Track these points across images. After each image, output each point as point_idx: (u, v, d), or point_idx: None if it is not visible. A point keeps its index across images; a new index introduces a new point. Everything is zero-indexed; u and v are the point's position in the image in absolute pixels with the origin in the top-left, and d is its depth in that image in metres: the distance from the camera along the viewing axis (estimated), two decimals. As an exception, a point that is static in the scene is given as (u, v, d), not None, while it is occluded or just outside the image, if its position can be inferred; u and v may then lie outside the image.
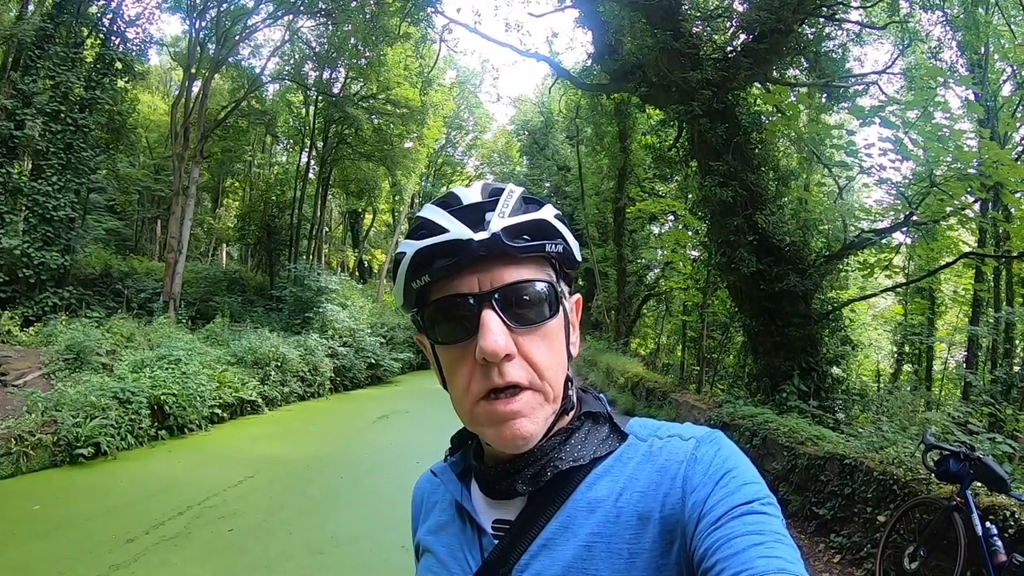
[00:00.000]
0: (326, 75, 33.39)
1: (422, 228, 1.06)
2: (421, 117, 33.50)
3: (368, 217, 45.51)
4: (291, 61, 32.44)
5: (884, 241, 13.69)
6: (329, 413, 19.36)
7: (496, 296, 1.01)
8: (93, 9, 23.33)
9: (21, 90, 20.06)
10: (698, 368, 19.76)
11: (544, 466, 1.07)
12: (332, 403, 21.25)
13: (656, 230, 33.50)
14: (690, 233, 19.19)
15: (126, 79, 24.81)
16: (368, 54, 30.31)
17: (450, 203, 1.07)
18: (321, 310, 24.69)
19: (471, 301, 1.01)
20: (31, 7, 22.67)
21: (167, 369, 15.62)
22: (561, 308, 1.09)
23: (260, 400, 18.16)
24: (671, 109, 15.51)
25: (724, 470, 0.99)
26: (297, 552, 8.44)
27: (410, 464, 12.86)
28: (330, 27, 29.64)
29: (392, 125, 34.23)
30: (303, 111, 35.08)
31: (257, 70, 31.45)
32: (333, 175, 36.20)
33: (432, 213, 1.06)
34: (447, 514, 1.22)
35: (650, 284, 33.15)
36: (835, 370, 14.17)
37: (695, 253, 20.62)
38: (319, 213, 35.29)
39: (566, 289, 1.12)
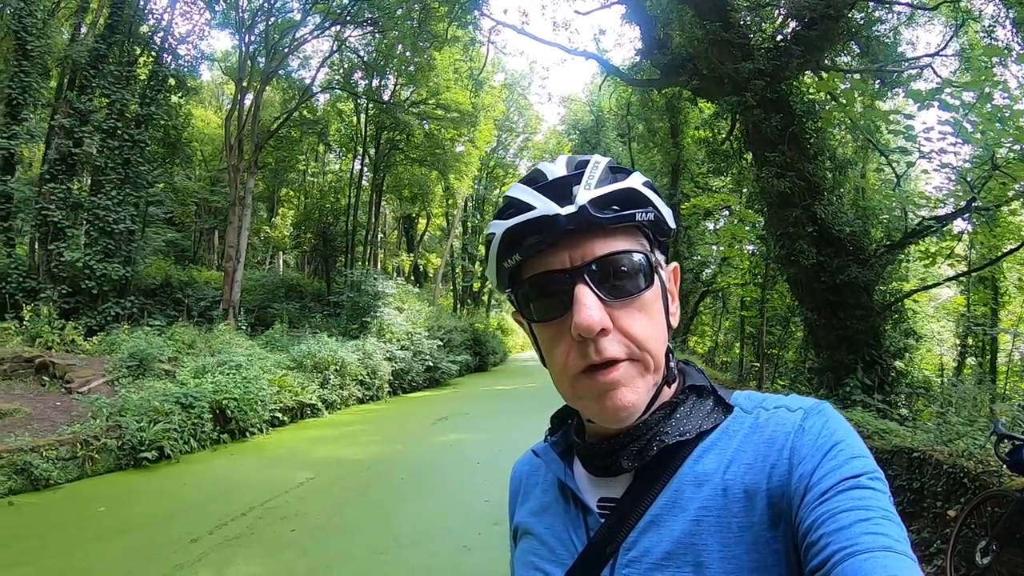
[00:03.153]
0: (376, 83, 33.61)
1: (510, 207, 1.05)
2: (472, 120, 33.50)
3: (422, 222, 45.62)
4: (340, 71, 32.65)
5: (945, 229, 13.25)
6: (388, 416, 19.36)
7: (588, 270, 0.99)
8: (144, 28, 24.11)
9: (78, 109, 20.76)
10: (758, 364, 19.38)
11: (649, 441, 1.05)
12: (391, 406, 21.27)
13: (711, 226, 33.03)
14: (747, 228, 18.85)
15: (179, 94, 25.48)
16: (416, 60, 30.44)
17: (536, 179, 1.06)
18: (378, 314, 24.79)
19: (563, 277, 1.00)
20: (84, 29, 23.53)
21: (228, 374, 15.84)
22: (657, 278, 1.06)
23: (320, 404, 18.31)
24: (723, 101, 15.22)
25: (832, 442, 0.97)
26: (359, 553, 8.43)
27: (470, 465, 12.96)
28: (377, 35, 29.83)
29: (443, 129, 34.32)
30: (354, 119, 35.26)
31: (307, 81, 31.72)
32: (386, 181, 36.39)
33: (518, 191, 1.06)
34: (549, 495, 1.21)
35: (707, 281, 32.64)
36: (898, 363, 13.76)
37: (752, 248, 20.29)
38: (373, 219, 35.47)
39: (661, 258, 1.10)
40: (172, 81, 24.06)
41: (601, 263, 0.99)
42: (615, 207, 1.00)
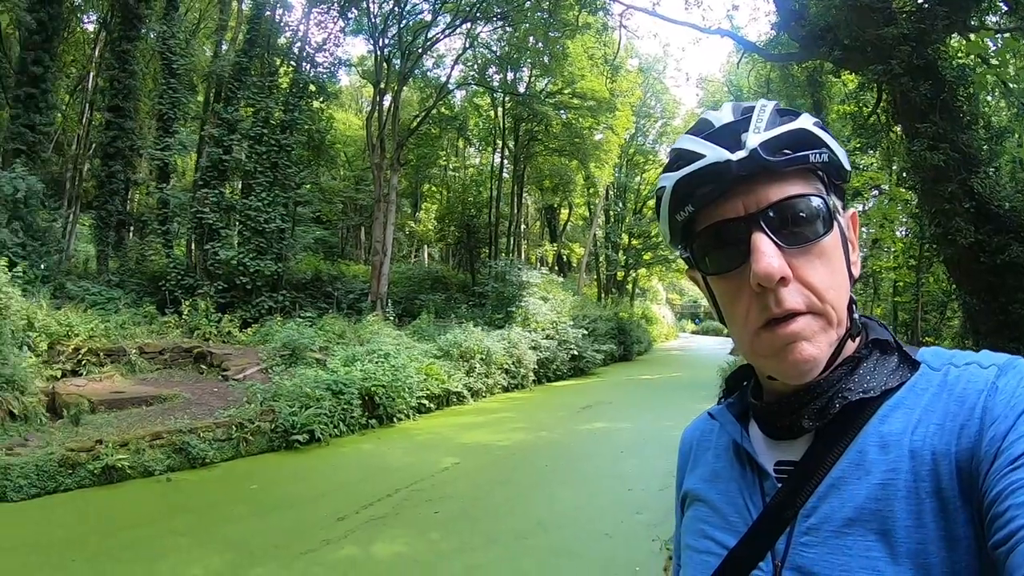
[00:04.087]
0: (510, 76, 33.68)
1: (678, 159, 1.02)
2: (610, 107, 32.98)
3: (564, 212, 45.41)
4: (474, 66, 32.94)
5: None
6: (533, 403, 19.29)
7: (764, 216, 0.95)
8: (282, 40, 25.52)
9: (225, 119, 22.25)
10: (913, 354, 18.06)
11: (831, 398, 0.98)
12: (535, 394, 21.21)
13: (860, 207, 31.34)
14: (899, 206, 17.68)
15: (320, 99, 26.65)
16: (549, 51, 30.27)
17: (703, 128, 1.03)
18: (523, 304, 24.76)
19: (739, 225, 0.97)
20: (225, 46, 25.21)
21: (377, 363, 16.18)
22: (836, 224, 1.00)
23: (466, 391, 18.46)
24: (868, 71, 14.23)
25: None
26: (503, 536, 8.42)
27: (614, 453, 12.75)
28: (508, 29, 29.87)
29: (581, 118, 33.96)
30: (492, 113, 35.49)
31: (443, 79, 32.06)
32: (527, 172, 36.43)
33: (686, 142, 1.02)
34: (723, 459, 1.16)
35: (856, 266, 31.01)
36: (1068, 352, 12.41)
37: (903, 230, 19.04)
38: (516, 210, 35.64)
39: (839, 203, 1.04)
40: (312, 88, 25.21)
41: (777, 209, 0.95)
42: (787, 150, 0.96)
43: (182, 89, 22.95)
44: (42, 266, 17.69)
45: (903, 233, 19.06)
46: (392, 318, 22.35)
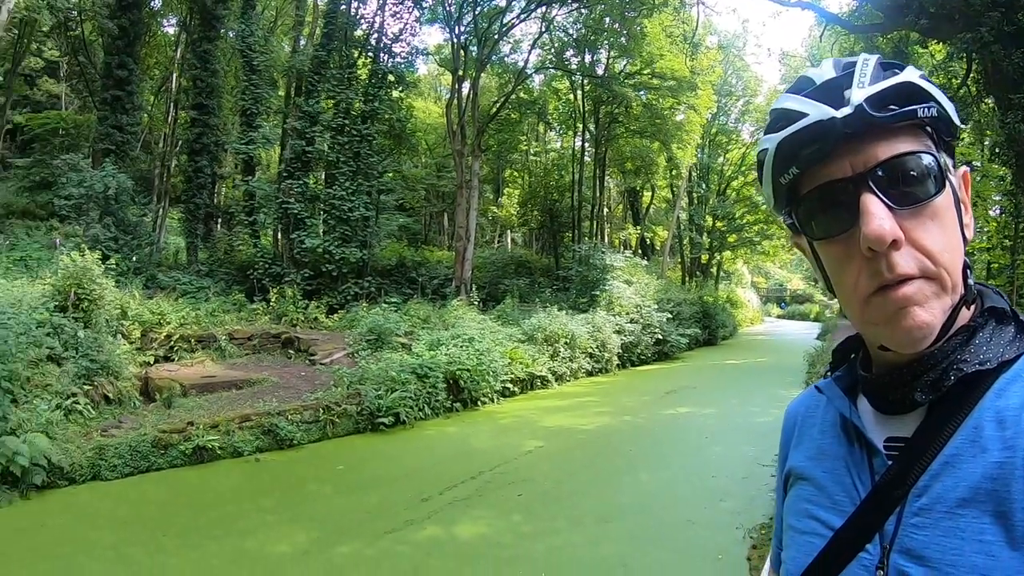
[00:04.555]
0: (588, 58, 33.25)
1: (779, 119, 0.98)
2: (690, 86, 32.30)
3: (647, 194, 44.75)
4: (551, 50, 32.69)
5: None
6: (617, 388, 19.05)
7: (873, 176, 0.91)
8: (359, 33, 25.94)
9: (307, 112, 22.80)
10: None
11: (946, 370, 0.93)
12: (619, 378, 20.98)
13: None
14: (992, 183, 16.86)
15: (399, 89, 26.89)
16: (626, 31, 29.84)
17: (804, 86, 0.99)
18: (607, 288, 24.48)
19: (846, 186, 0.92)
20: (303, 41, 25.77)
21: (461, 347, 16.24)
22: (947, 183, 0.95)
23: (550, 375, 18.37)
24: (956, 40, 13.60)
25: None
26: (585, 519, 8.37)
27: (698, 439, 12.55)
28: (583, 11, 29.58)
29: (661, 99, 33.37)
30: (571, 96, 35.20)
31: (520, 64, 32.00)
32: (608, 155, 36.00)
33: (788, 101, 0.99)
34: (829, 435, 1.10)
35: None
36: None
37: (997, 209, 18.14)
38: (598, 193, 35.27)
39: (949, 161, 0.97)
40: (391, 78, 25.48)
41: (886, 167, 0.91)
42: (893, 105, 0.91)
43: (263, 85, 23.58)
44: (134, 258, 18.45)
45: (997, 212, 18.28)
46: (476, 303, 22.39)
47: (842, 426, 1.07)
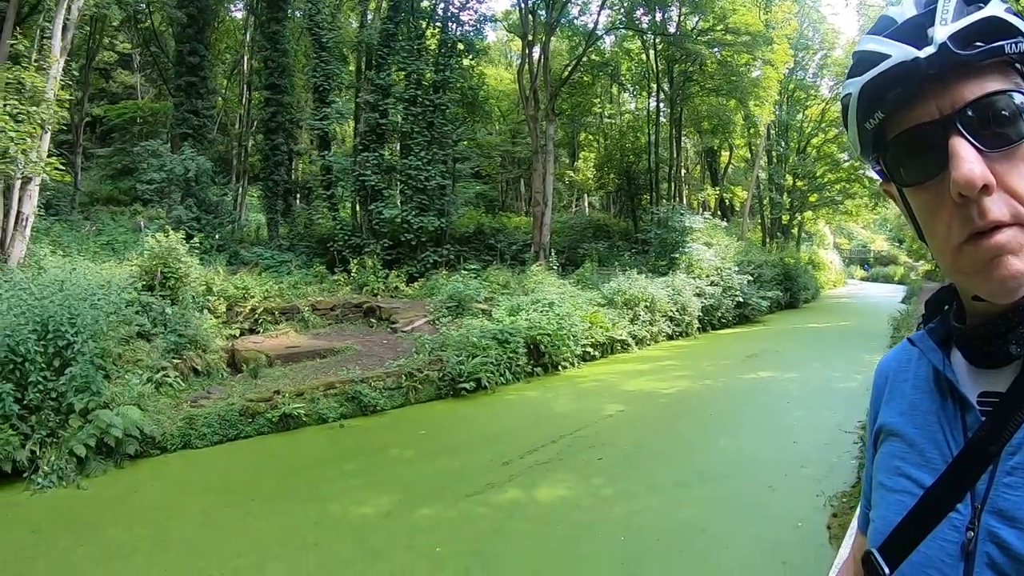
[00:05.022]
0: (659, 16, 32.36)
1: (861, 62, 0.95)
2: (765, 39, 31.27)
3: (724, 154, 43.62)
4: (621, 10, 31.92)
5: None
6: (698, 351, 18.81)
7: (961, 117, 0.87)
8: (425, 3, 25.85)
9: (378, 85, 23.04)
10: None
11: None
12: (700, 342, 20.70)
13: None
14: None
15: (469, 57, 26.98)
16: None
17: (885, 27, 0.95)
18: (686, 250, 24.12)
19: (934, 129, 0.88)
20: (370, 15, 25.98)
21: (541, 312, 16.22)
22: None
23: (630, 339, 18.23)
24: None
25: None
26: (663, 484, 8.33)
27: (780, 404, 12.31)
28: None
29: (736, 55, 32.42)
30: (643, 56, 34.46)
31: (590, 25, 31.34)
32: (684, 115, 35.22)
33: (869, 43, 0.95)
34: (922, 390, 1.07)
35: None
36: None
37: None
38: (675, 155, 34.59)
39: None
40: (460, 46, 25.50)
41: (975, 108, 0.86)
42: (979, 42, 0.86)
43: (333, 61, 23.86)
44: (217, 236, 19.10)
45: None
46: (555, 267, 22.27)
47: (935, 380, 1.04)
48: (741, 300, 24.01)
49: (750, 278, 24.80)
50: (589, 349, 16.60)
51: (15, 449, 8.19)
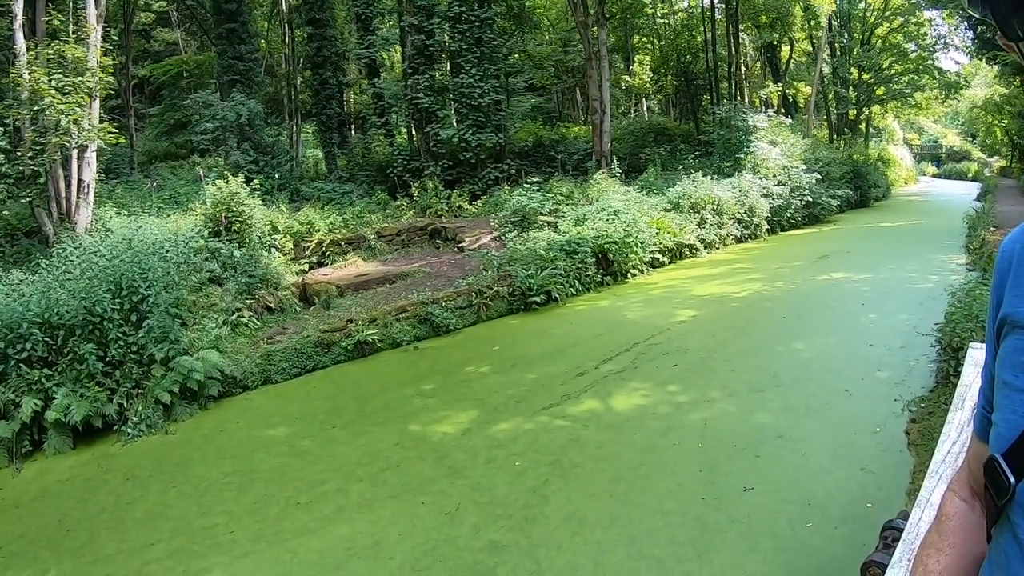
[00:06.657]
0: (709, -97, 31.00)
1: None
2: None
3: (785, 49, 41.83)
4: (666, -99, 30.65)
5: None
6: (767, 254, 18.38)
7: None
8: None
9: (421, 6, 22.36)
10: None
11: None
12: (769, 244, 20.27)
13: None
14: None
15: None
16: None
17: None
18: (751, 150, 23.44)
19: None
20: None
21: (607, 220, 16.08)
22: None
23: (698, 243, 18.00)
24: None
25: None
26: (739, 388, 8.27)
27: (853, 306, 12.00)
28: None
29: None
30: (695, -52, 33.15)
31: (631, -80, 30.11)
32: (741, 9, 33.88)
33: None
34: None
35: None
36: None
37: None
38: (733, 52, 33.42)
39: None
40: (503, -45, 24.51)
41: None
42: None
43: (373, -13, 23.39)
44: (276, 176, 19.38)
45: None
46: (618, 175, 21.94)
47: None
48: (810, 200, 23.34)
49: (818, 176, 24.01)
50: (658, 255, 16.44)
51: (103, 404, 8.56)
